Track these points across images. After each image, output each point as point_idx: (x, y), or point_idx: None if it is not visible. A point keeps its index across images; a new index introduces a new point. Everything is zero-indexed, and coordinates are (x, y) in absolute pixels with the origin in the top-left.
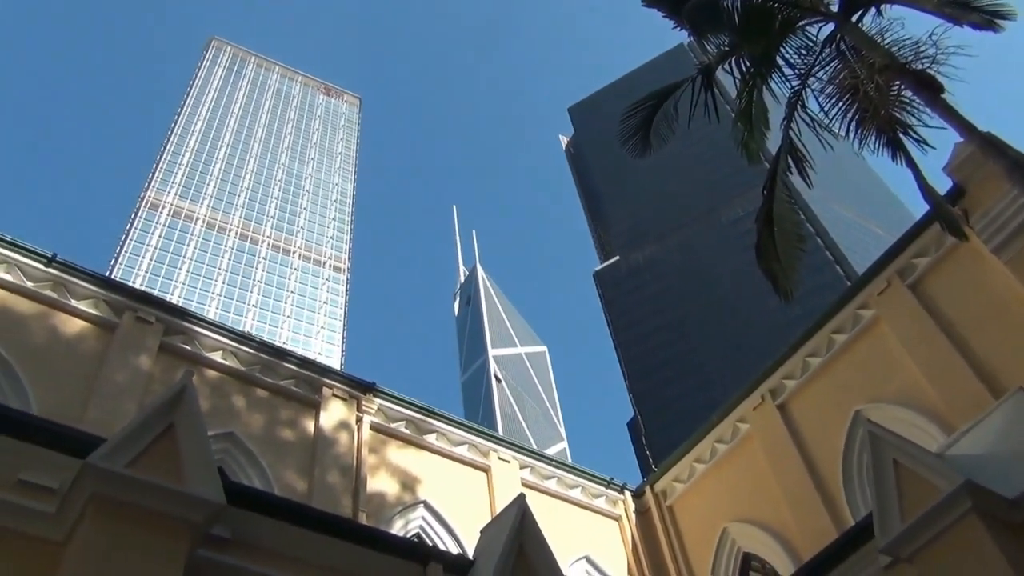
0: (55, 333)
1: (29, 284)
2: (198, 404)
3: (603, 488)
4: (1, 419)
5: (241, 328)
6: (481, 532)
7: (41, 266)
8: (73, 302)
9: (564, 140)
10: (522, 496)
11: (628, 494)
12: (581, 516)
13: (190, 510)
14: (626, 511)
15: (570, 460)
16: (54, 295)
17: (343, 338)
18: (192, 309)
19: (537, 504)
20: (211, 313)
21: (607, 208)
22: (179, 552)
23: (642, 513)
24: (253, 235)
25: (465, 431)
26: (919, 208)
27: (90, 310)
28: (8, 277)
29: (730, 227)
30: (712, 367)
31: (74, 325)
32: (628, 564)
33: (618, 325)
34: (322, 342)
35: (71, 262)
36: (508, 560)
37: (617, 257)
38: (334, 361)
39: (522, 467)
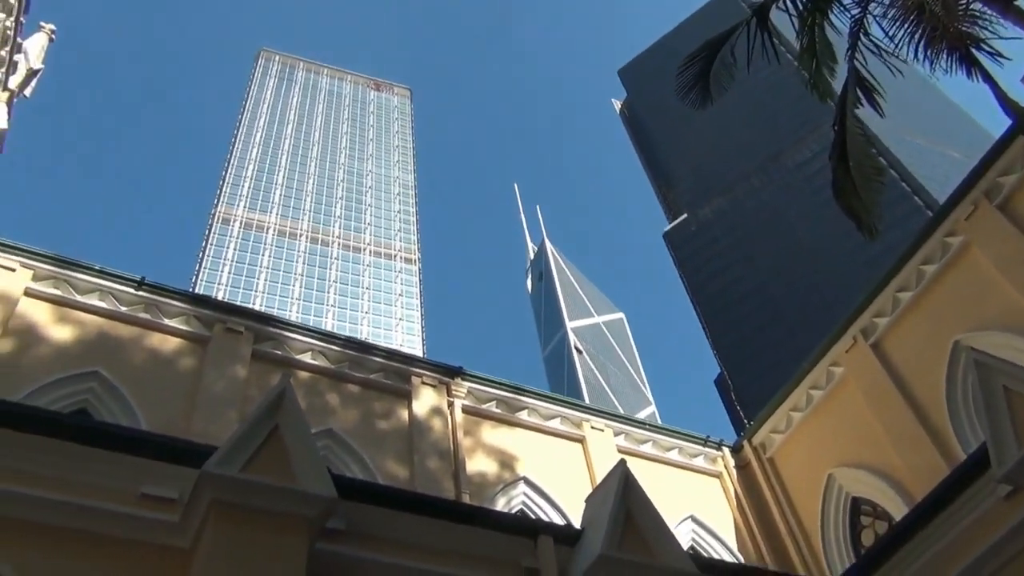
0: (153, 352)
1: (124, 309)
2: (299, 404)
3: (700, 447)
4: (118, 438)
5: (323, 328)
6: (586, 501)
7: (132, 290)
8: (165, 321)
9: (617, 104)
10: (623, 461)
11: (726, 450)
12: (681, 477)
13: (305, 507)
14: (726, 468)
15: (660, 424)
16: (147, 316)
17: (422, 327)
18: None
19: (636, 469)
20: (292, 317)
21: (669, 166)
22: (299, 547)
23: (742, 468)
24: (323, 237)
25: (555, 404)
26: (997, 126)
27: (182, 327)
28: (103, 304)
29: (797, 170)
30: (795, 314)
31: (169, 343)
32: (734, 520)
33: (694, 283)
34: (402, 334)
35: (159, 283)
36: (617, 526)
37: (685, 215)
38: (416, 351)
39: (616, 434)
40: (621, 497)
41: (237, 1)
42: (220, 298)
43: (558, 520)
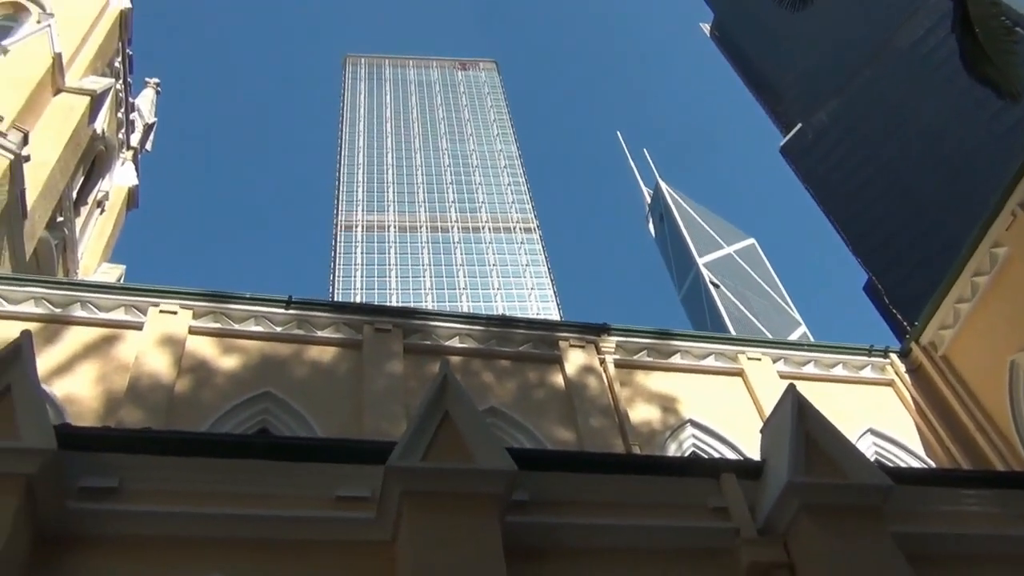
0: (314, 364)
1: (279, 329)
2: (463, 388)
3: (865, 358)
4: (304, 449)
5: (464, 312)
6: (761, 432)
7: (282, 310)
8: (318, 333)
9: (706, 28)
10: (792, 386)
11: (894, 357)
12: (851, 392)
13: (489, 484)
14: (897, 374)
15: (818, 342)
16: (301, 332)
17: (555, 293)
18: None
19: (803, 391)
20: (428, 306)
21: (773, 79)
22: (492, 524)
23: (915, 371)
24: (441, 224)
25: (706, 342)
26: None
27: (334, 335)
28: (259, 328)
29: (910, 52)
30: (936, 203)
31: (326, 352)
32: (916, 426)
33: (821, 193)
34: (537, 302)
35: (306, 299)
36: (799, 451)
37: (799, 125)
38: (553, 317)
39: (775, 360)
40: (797, 421)
41: (314, 15)
42: (359, 302)
43: (732, 456)
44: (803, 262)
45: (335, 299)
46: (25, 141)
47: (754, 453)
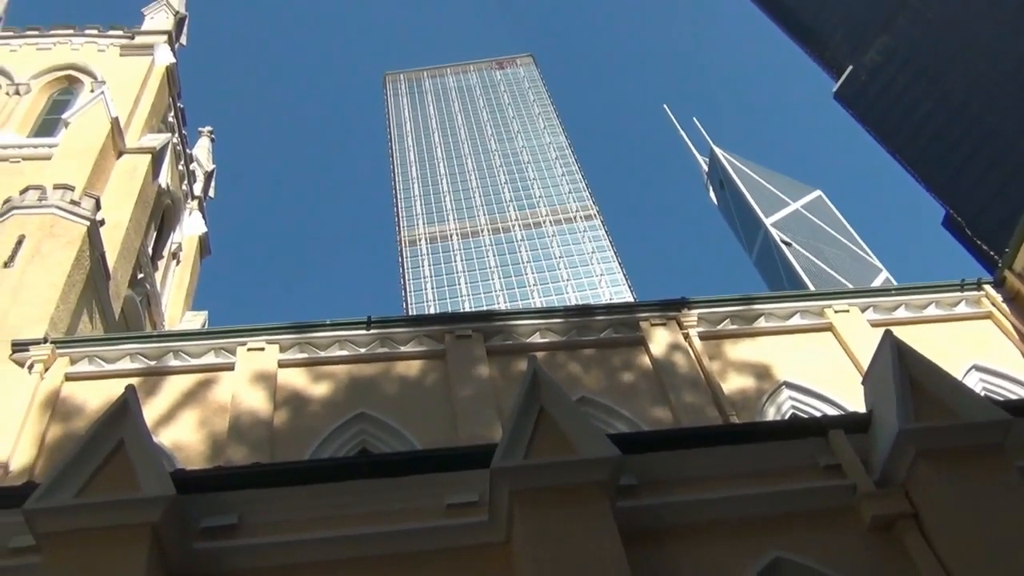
0: (402, 379)
1: (363, 350)
2: (555, 381)
3: (957, 294)
4: (408, 462)
5: (540, 307)
6: (863, 383)
7: (363, 331)
8: (401, 348)
9: None
10: (888, 332)
11: (988, 288)
12: (948, 330)
13: (595, 472)
14: (994, 305)
15: (905, 284)
16: (385, 349)
17: (625, 276)
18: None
19: (899, 336)
20: (501, 307)
21: (814, 26)
22: (605, 512)
23: (1012, 299)
24: (502, 225)
25: (789, 301)
26: None
27: (417, 348)
28: (344, 352)
29: None
30: (1007, 127)
31: (412, 366)
32: (1023, 355)
33: (884, 133)
34: (608, 288)
35: (384, 317)
36: (906, 396)
37: (850, 68)
38: (628, 300)
39: (863, 310)
40: (899, 367)
41: (348, 41)
42: (434, 312)
43: (834, 413)
44: (875, 206)
45: (409, 314)
46: (98, 206)
47: (856, 407)
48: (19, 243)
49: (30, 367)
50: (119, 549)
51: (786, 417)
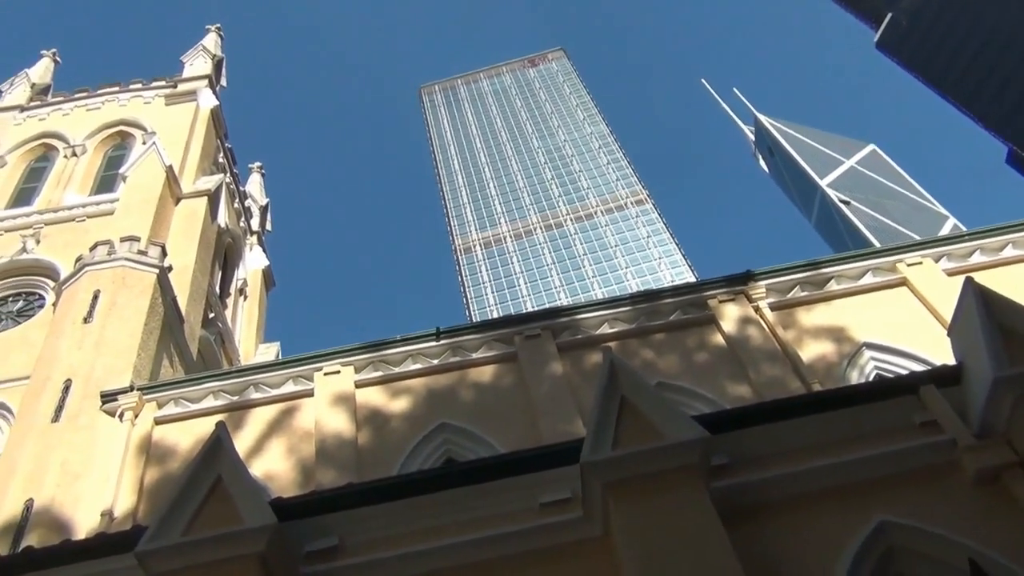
0: (477, 385)
1: (435, 362)
2: (632, 370)
3: None
4: (496, 467)
5: (605, 297)
6: (949, 334)
7: (433, 342)
8: (473, 355)
9: None
10: (968, 279)
11: None
12: None
13: (687, 456)
14: None
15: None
16: (457, 358)
17: (684, 257)
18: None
19: (980, 282)
20: (564, 303)
21: None
22: (700, 494)
23: None
24: (554, 221)
25: (857, 260)
26: None
27: (489, 353)
28: (418, 366)
29: None
30: None
31: (485, 372)
32: None
33: (933, 76)
34: (669, 271)
35: (452, 327)
36: (996, 343)
37: (889, 15)
38: (690, 280)
39: (936, 260)
40: (985, 314)
41: (379, 57)
42: (499, 316)
43: (921, 369)
44: (933, 153)
45: (473, 320)
46: (164, 253)
47: (944, 360)
48: (95, 298)
49: (121, 415)
50: None
51: (871, 379)
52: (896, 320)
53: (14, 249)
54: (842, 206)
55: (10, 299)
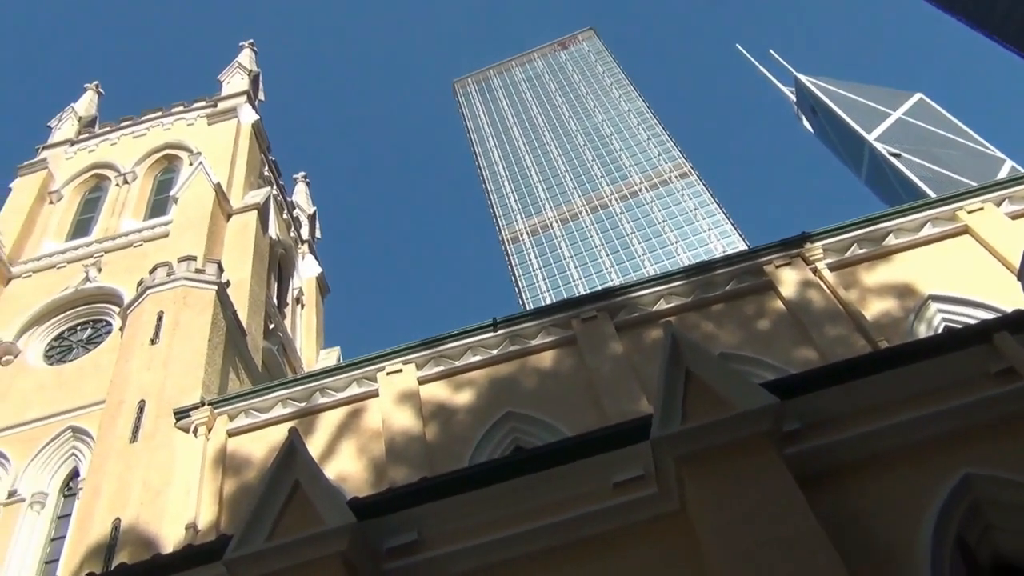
0: (538, 372)
1: (495, 352)
2: (695, 343)
3: None
4: (566, 450)
5: (658, 273)
6: (1020, 279)
7: (491, 333)
8: (531, 342)
9: None
10: None
11: None
12: None
13: (759, 423)
14: None
15: None
16: (516, 347)
17: (733, 226)
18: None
19: None
20: (616, 284)
21: None
22: (774, 461)
23: None
24: (599, 202)
25: (915, 212)
26: None
27: (547, 339)
28: (478, 357)
29: None
30: None
31: (545, 358)
32: None
33: (976, 15)
34: (719, 241)
35: (507, 316)
36: None
37: None
38: (742, 249)
39: (997, 204)
40: None
41: (410, 56)
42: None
43: (990, 317)
44: (983, 95)
45: (527, 308)
46: (220, 269)
47: (1015, 305)
48: (159, 319)
49: (195, 431)
50: None
51: (939, 331)
52: (961, 269)
53: (78, 279)
54: (893, 159)
55: (79, 328)
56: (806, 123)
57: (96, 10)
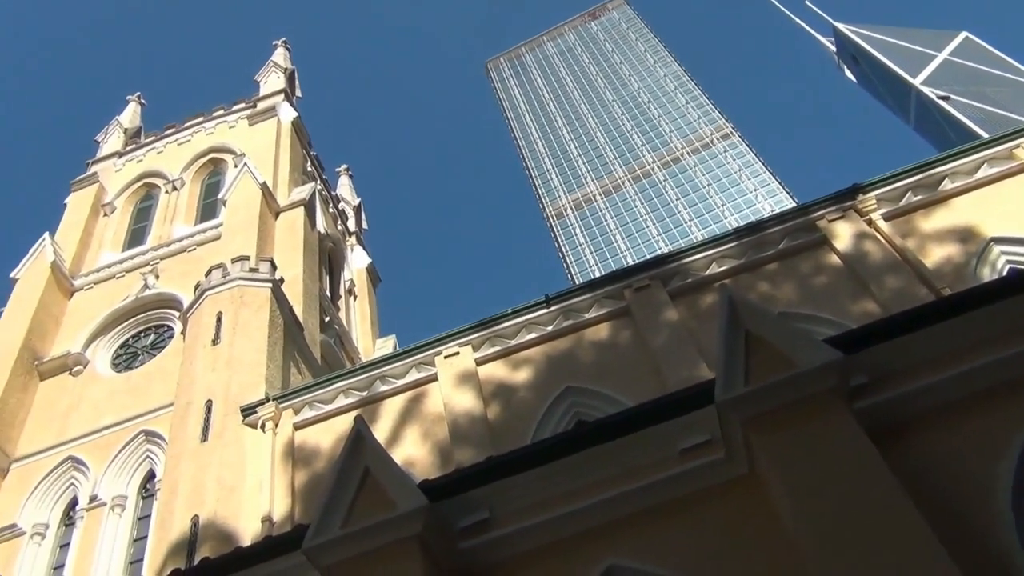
0: (595, 345)
1: (550, 328)
2: (753, 302)
3: None
4: (629, 421)
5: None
6: None
7: (544, 309)
8: (585, 316)
9: None
10: None
11: None
12: None
13: (825, 380)
14: None
15: None
16: (570, 322)
17: (780, 184)
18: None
19: None
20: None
21: None
22: (844, 416)
23: None
24: (641, 171)
25: (970, 153)
26: None
27: (601, 311)
28: (533, 335)
29: None
30: None
31: (601, 330)
32: None
33: None
34: (767, 201)
35: (561, 291)
36: None
37: None
38: (791, 207)
39: None
40: None
41: (442, 39)
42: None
43: None
44: None
45: (576, 284)
46: (273, 266)
47: None
48: (219, 320)
49: (262, 426)
50: (394, 564)
51: (1004, 274)
52: (1021, 209)
53: (137, 287)
54: (941, 102)
55: (142, 334)
56: (848, 73)
57: (126, 24)
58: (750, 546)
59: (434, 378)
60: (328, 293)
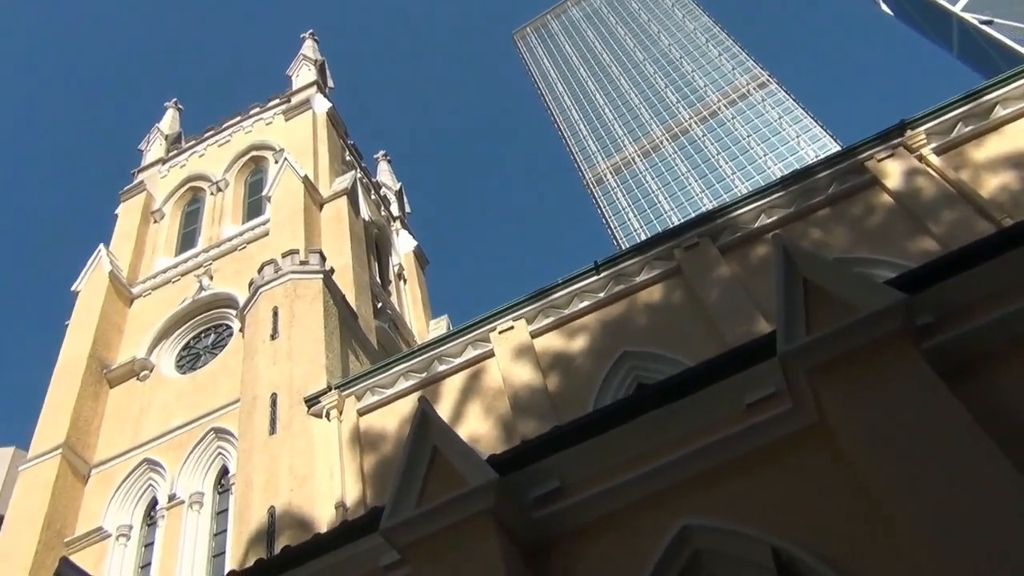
0: (649, 307)
1: (602, 295)
2: (809, 249)
3: None
4: (690, 380)
5: (753, 189)
6: None
7: (595, 276)
8: (636, 279)
9: None
10: None
11: None
12: None
13: (889, 322)
14: None
15: None
16: (622, 286)
17: (823, 129)
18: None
19: None
20: (709, 207)
21: None
22: (912, 357)
23: None
24: (678, 129)
25: (1020, 79)
26: None
27: (651, 273)
28: (585, 303)
29: None
30: None
31: (653, 292)
32: None
33: None
34: (810, 147)
35: (609, 256)
36: None
37: None
38: (835, 149)
39: None
40: None
41: (467, 12)
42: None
43: None
44: None
45: (622, 248)
46: (323, 258)
47: None
48: (275, 315)
49: (327, 415)
50: (470, 539)
51: None
52: None
53: (193, 290)
54: (984, 27)
55: (202, 335)
56: (884, 6)
57: (151, 32)
58: (825, 495)
59: (491, 354)
60: (378, 279)
